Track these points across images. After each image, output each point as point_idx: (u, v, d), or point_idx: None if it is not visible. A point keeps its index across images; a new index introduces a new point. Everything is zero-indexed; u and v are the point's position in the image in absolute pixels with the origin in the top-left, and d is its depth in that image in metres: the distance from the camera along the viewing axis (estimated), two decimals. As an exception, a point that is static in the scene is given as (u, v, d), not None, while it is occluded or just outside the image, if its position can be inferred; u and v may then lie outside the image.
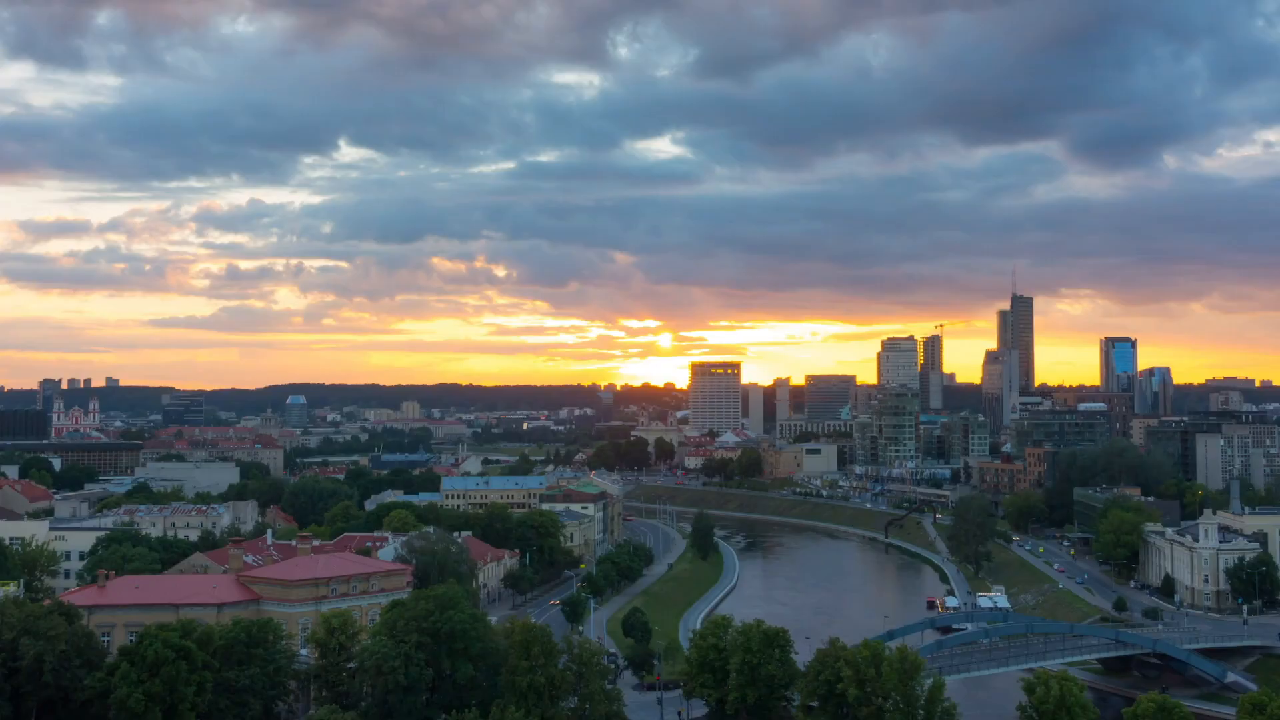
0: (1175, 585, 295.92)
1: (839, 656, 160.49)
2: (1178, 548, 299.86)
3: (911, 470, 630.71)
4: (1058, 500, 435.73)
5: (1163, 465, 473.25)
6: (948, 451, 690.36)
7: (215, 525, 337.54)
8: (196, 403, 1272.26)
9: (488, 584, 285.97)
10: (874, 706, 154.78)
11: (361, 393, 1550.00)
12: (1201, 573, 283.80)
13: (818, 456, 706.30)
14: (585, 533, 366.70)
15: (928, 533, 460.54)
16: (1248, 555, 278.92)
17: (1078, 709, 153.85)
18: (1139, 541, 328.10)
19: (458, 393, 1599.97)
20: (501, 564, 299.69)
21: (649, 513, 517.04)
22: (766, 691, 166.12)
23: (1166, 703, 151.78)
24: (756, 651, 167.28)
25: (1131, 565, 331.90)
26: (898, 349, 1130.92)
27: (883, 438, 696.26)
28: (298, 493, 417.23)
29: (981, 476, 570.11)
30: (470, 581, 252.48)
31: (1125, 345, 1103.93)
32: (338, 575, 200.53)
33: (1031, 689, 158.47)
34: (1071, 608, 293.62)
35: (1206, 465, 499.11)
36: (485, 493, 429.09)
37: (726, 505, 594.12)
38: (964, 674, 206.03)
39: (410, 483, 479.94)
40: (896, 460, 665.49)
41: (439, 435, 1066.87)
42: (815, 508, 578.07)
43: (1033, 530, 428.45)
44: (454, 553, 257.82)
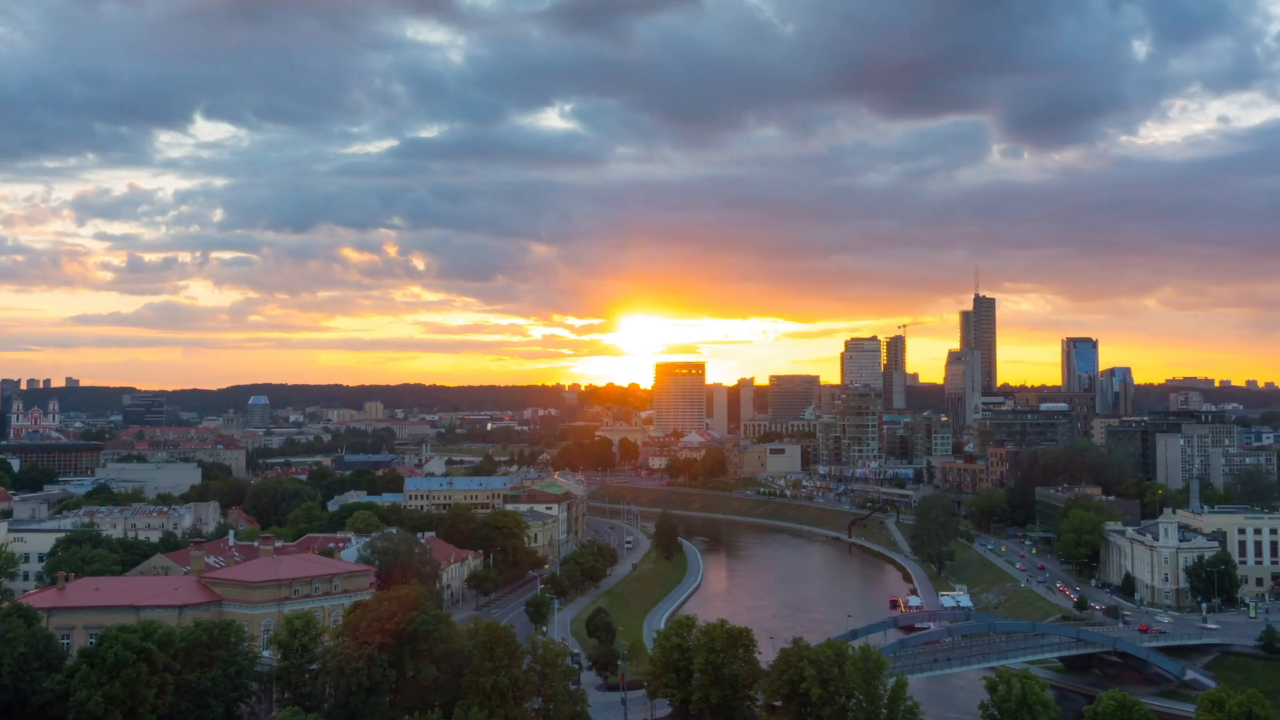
0: (1136, 584, 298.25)
1: (802, 656, 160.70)
2: (1138, 547, 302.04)
3: (875, 470, 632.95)
4: (1020, 500, 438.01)
5: (1123, 465, 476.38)
6: (911, 451, 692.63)
7: (176, 526, 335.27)
8: (158, 403, 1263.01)
9: (451, 585, 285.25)
10: (837, 705, 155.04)
11: (324, 393, 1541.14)
12: (1161, 571, 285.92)
13: (781, 456, 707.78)
14: (549, 533, 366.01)
15: (891, 532, 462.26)
16: (1207, 554, 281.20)
17: (1039, 707, 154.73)
18: (1100, 540, 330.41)
19: (421, 393, 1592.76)
20: (465, 565, 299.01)
21: (613, 513, 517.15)
22: (730, 691, 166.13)
23: (1127, 700, 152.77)
24: (720, 651, 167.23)
25: (1092, 564, 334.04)
26: (861, 349, 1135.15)
27: (846, 438, 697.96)
28: (260, 494, 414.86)
29: (944, 476, 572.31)
30: (434, 582, 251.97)
31: (1087, 345, 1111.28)
32: (300, 576, 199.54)
33: (994, 687, 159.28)
34: (1033, 606, 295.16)
35: (1166, 465, 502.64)
36: (449, 493, 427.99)
37: (691, 505, 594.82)
38: (927, 673, 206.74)
39: (373, 483, 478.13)
40: (860, 460, 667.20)
41: (402, 436, 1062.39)
42: (779, 508, 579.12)
43: (995, 530, 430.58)
44: (417, 553, 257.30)
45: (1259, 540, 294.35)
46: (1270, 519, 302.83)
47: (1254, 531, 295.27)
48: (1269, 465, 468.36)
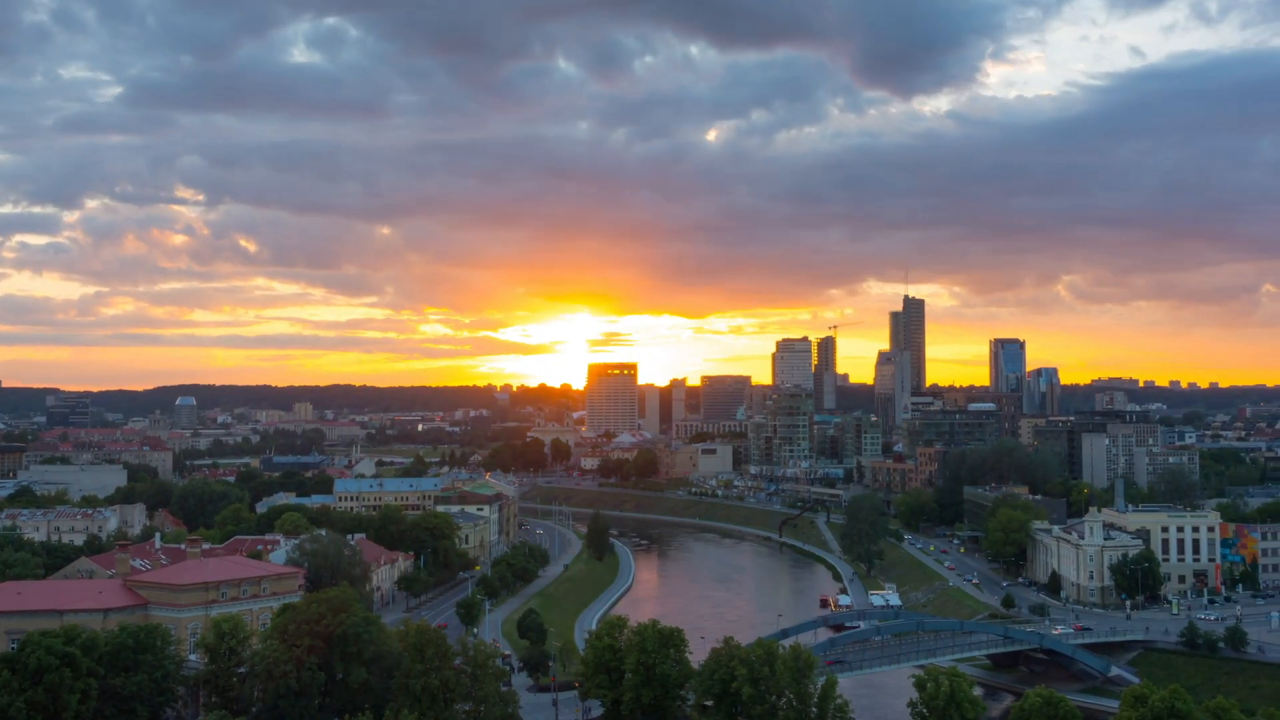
0: (1062, 582, 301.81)
1: (733, 655, 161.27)
2: (1064, 545, 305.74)
3: (805, 470, 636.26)
4: (948, 499, 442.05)
5: (1050, 464, 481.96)
6: (841, 451, 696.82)
7: (101, 529, 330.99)
8: (82, 404, 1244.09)
9: (381, 586, 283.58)
10: (768, 705, 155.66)
11: (253, 394, 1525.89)
12: (1087, 569, 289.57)
13: (713, 457, 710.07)
14: (480, 534, 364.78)
15: (821, 532, 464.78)
16: (1131, 552, 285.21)
17: (967, 705, 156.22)
18: (1027, 539, 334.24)
19: (351, 394, 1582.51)
20: (395, 566, 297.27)
21: (545, 514, 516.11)
22: (662, 691, 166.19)
23: (1053, 697, 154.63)
24: (652, 651, 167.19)
25: (1020, 562, 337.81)
26: (792, 350, 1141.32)
27: (777, 438, 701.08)
28: (187, 495, 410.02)
29: (874, 476, 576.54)
30: (363, 584, 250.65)
31: (1014, 346, 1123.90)
32: (228, 579, 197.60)
33: (922, 685, 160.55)
34: (961, 605, 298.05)
35: (1092, 464, 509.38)
36: (379, 495, 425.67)
37: (623, 506, 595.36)
38: (856, 671, 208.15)
39: (302, 485, 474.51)
40: (791, 460, 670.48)
41: (332, 437, 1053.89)
42: (710, 508, 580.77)
43: (924, 529, 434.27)
44: (347, 555, 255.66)
45: (1181, 538, 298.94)
46: (1192, 517, 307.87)
47: (1176, 530, 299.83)
48: (1191, 465, 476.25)
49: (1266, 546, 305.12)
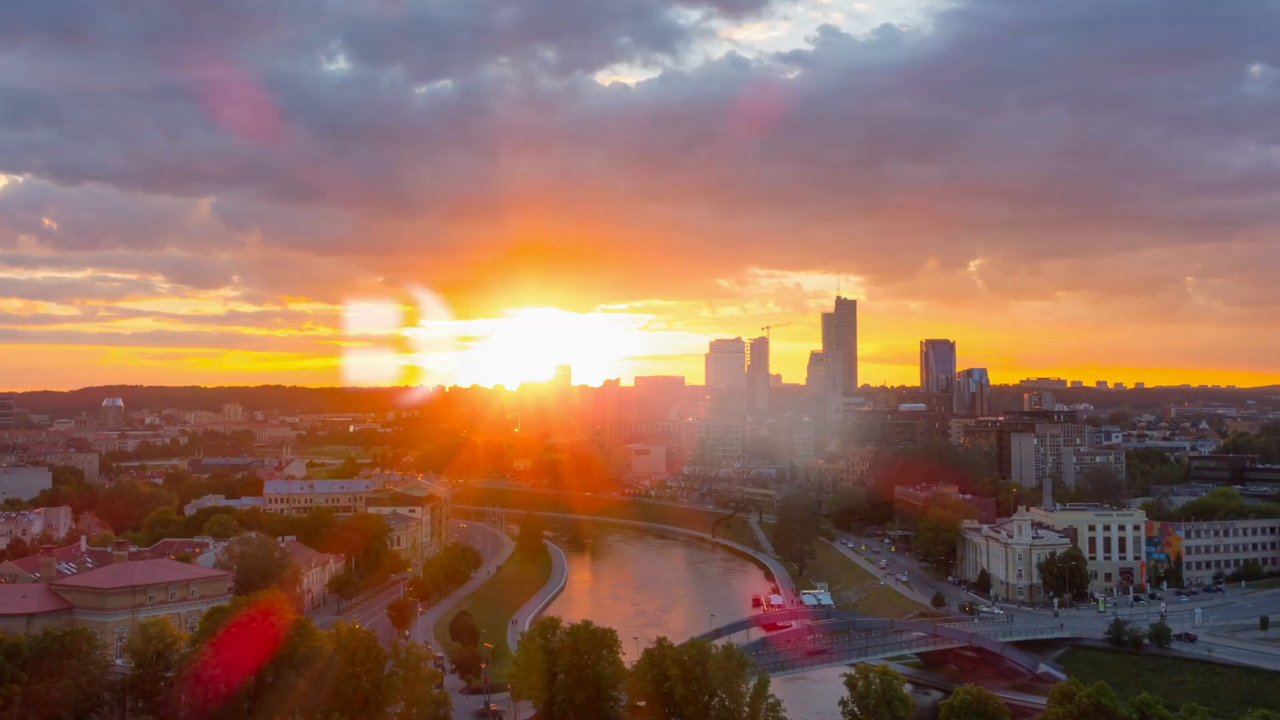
0: (991, 580, 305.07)
1: (666, 656, 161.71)
2: (993, 544, 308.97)
3: (739, 470, 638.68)
4: (879, 499, 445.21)
5: (979, 464, 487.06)
6: (774, 452, 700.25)
7: (26, 532, 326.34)
8: (7, 405, 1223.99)
9: (312, 589, 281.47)
10: (700, 705, 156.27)
11: (182, 395, 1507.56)
12: (1015, 568, 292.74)
13: (647, 457, 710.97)
14: (412, 536, 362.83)
15: (754, 532, 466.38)
16: (1059, 550, 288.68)
17: (897, 702, 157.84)
18: (957, 538, 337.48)
19: (282, 395, 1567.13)
20: (326, 568, 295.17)
21: (478, 515, 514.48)
22: (595, 692, 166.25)
23: (982, 694, 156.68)
24: (585, 652, 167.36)
25: (950, 561, 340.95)
26: (725, 351, 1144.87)
27: (711, 438, 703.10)
28: (114, 498, 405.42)
29: (806, 476, 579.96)
30: (294, 587, 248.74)
31: (945, 346, 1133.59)
32: (155, 583, 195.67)
33: (853, 684, 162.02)
34: (892, 604, 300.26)
35: (1021, 464, 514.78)
36: (310, 496, 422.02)
37: (556, 507, 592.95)
38: (788, 671, 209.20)
39: (232, 487, 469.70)
40: (724, 460, 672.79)
41: (262, 438, 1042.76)
42: (644, 508, 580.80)
43: (855, 528, 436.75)
44: (277, 558, 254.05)
45: (1108, 537, 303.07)
46: (1119, 516, 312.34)
47: (1103, 528, 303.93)
48: (1117, 464, 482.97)
49: (1190, 544, 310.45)
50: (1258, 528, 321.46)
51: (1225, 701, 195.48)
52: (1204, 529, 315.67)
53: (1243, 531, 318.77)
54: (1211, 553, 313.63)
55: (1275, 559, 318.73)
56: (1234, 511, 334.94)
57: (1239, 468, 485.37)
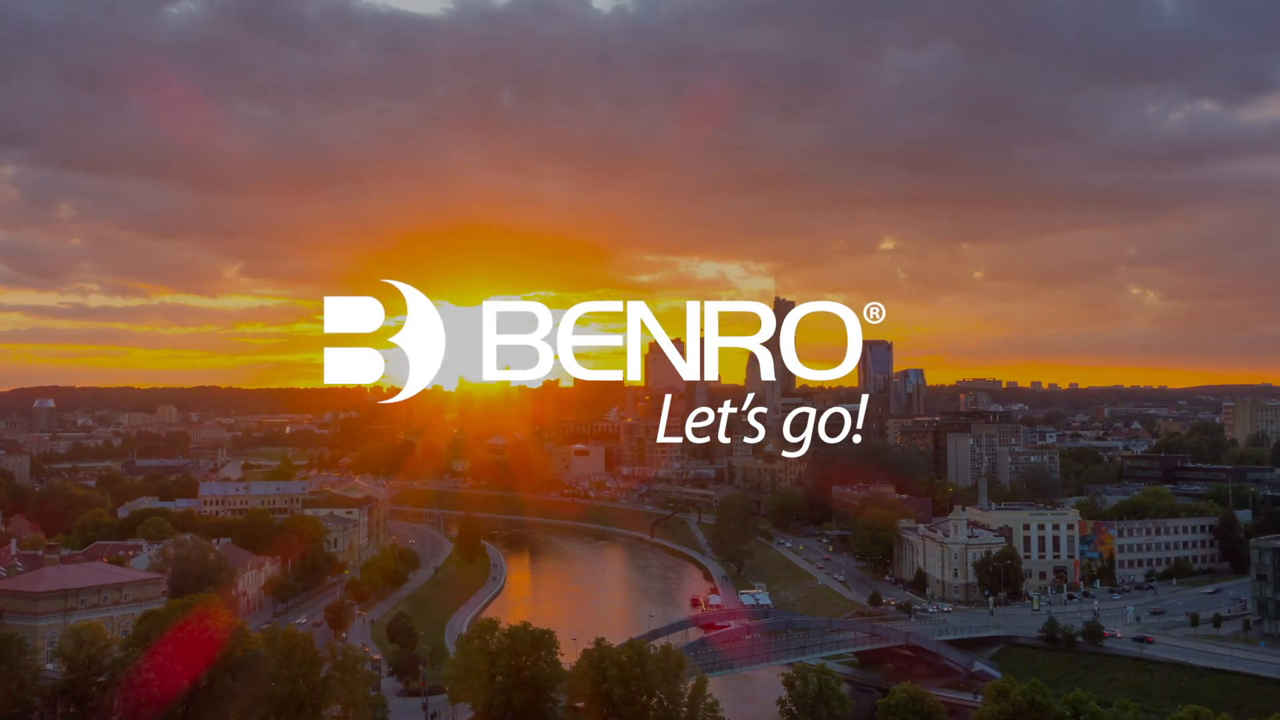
0: (927, 579, 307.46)
1: (605, 656, 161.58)
2: (929, 543, 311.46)
3: (677, 470, 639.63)
4: (817, 499, 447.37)
5: (916, 464, 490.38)
6: (713, 452, 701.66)
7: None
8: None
9: (248, 591, 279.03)
10: (639, 705, 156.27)
11: (115, 396, 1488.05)
12: (951, 567, 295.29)
13: (586, 458, 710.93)
14: (350, 538, 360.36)
15: (693, 532, 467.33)
16: (994, 549, 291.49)
17: (835, 701, 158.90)
18: (894, 538, 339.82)
19: (217, 396, 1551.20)
20: (262, 571, 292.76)
21: (416, 516, 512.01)
22: (533, 694, 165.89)
23: (918, 692, 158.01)
24: (523, 654, 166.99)
25: (886, 560, 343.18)
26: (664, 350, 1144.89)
27: (650, 439, 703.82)
28: (45, 500, 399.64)
29: (745, 476, 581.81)
30: (229, 589, 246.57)
31: (883, 347, 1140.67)
32: (87, 586, 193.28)
33: (791, 683, 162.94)
34: (830, 603, 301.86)
35: (957, 464, 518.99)
36: (245, 498, 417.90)
37: (494, 508, 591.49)
38: (726, 670, 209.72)
39: (166, 489, 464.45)
40: (662, 460, 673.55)
41: (197, 440, 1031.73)
42: (583, 509, 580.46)
43: (793, 528, 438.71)
44: (212, 560, 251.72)
45: (1042, 535, 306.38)
46: (1053, 515, 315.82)
47: (1037, 527, 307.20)
48: (1052, 464, 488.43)
49: (1123, 543, 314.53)
50: (1188, 526, 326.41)
51: (1157, 698, 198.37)
52: (1136, 528, 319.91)
53: (1174, 530, 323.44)
54: (1143, 551, 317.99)
55: (1205, 557, 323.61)
56: (1165, 510, 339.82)
57: (1170, 467, 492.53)
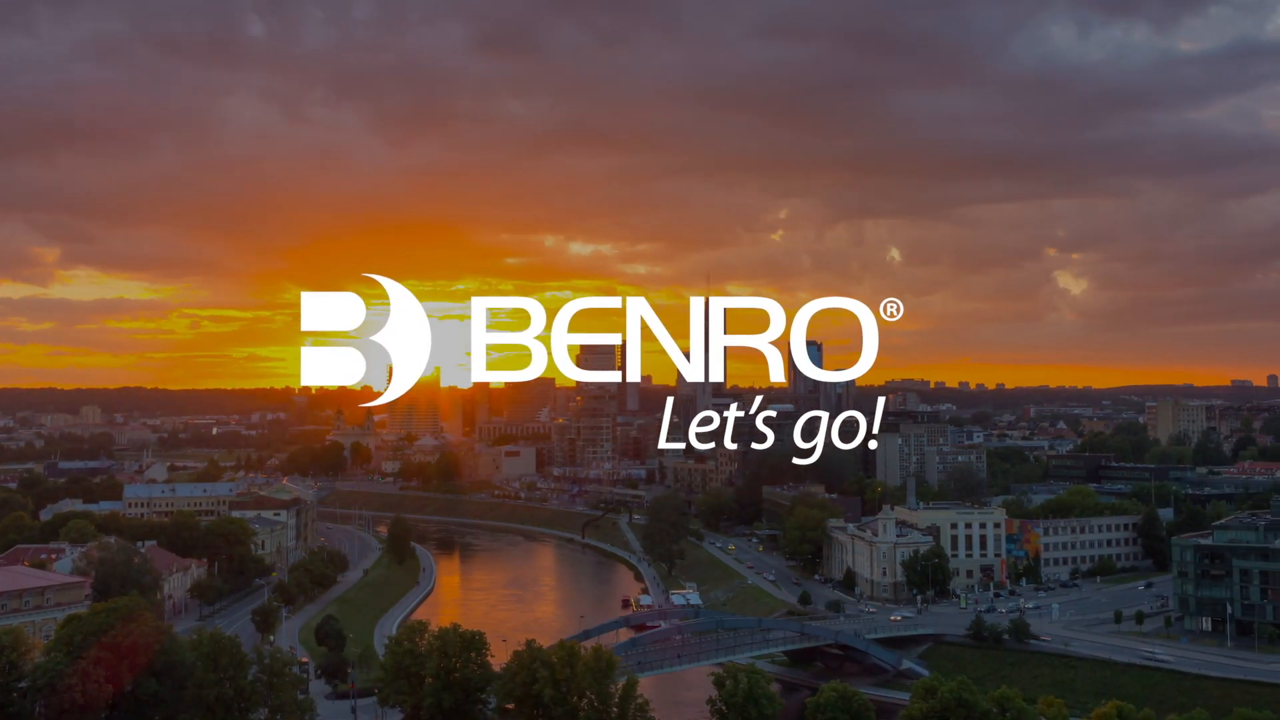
0: (856, 578, 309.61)
1: (535, 657, 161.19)
2: (858, 542, 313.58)
3: (608, 471, 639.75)
4: (748, 498, 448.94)
5: (845, 463, 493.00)
6: (644, 452, 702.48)
7: None
8: None
9: (173, 594, 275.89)
10: (569, 706, 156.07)
11: (36, 396, 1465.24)
12: (880, 566, 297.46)
13: (517, 459, 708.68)
14: (277, 540, 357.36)
15: (623, 533, 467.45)
16: (922, 548, 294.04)
17: (764, 700, 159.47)
18: (823, 537, 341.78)
19: (142, 397, 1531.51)
20: (188, 573, 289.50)
21: (345, 518, 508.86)
22: (463, 695, 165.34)
23: (847, 691, 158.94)
24: (453, 656, 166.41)
25: (816, 560, 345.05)
26: (596, 351, 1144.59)
27: (581, 439, 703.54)
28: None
29: (676, 476, 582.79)
30: (154, 593, 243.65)
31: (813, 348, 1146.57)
32: (8, 590, 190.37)
33: (721, 683, 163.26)
34: (760, 603, 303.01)
35: (886, 463, 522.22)
36: (171, 500, 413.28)
37: (425, 509, 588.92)
38: (657, 670, 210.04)
39: (90, 491, 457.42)
40: (594, 461, 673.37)
41: (122, 441, 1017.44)
42: (514, 510, 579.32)
43: (724, 528, 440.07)
44: (136, 563, 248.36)
45: (969, 534, 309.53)
46: (980, 514, 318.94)
47: (965, 526, 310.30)
48: (979, 463, 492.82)
49: (1048, 541, 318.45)
50: (1112, 524, 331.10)
51: (1081, 694, 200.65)
52: (1061, 526, 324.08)
53: (1098, 529, 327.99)
54: (1068, 549, 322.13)
55: (1128, 555, 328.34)
56: (1089, 509, 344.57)
57: (1094, 466, 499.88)
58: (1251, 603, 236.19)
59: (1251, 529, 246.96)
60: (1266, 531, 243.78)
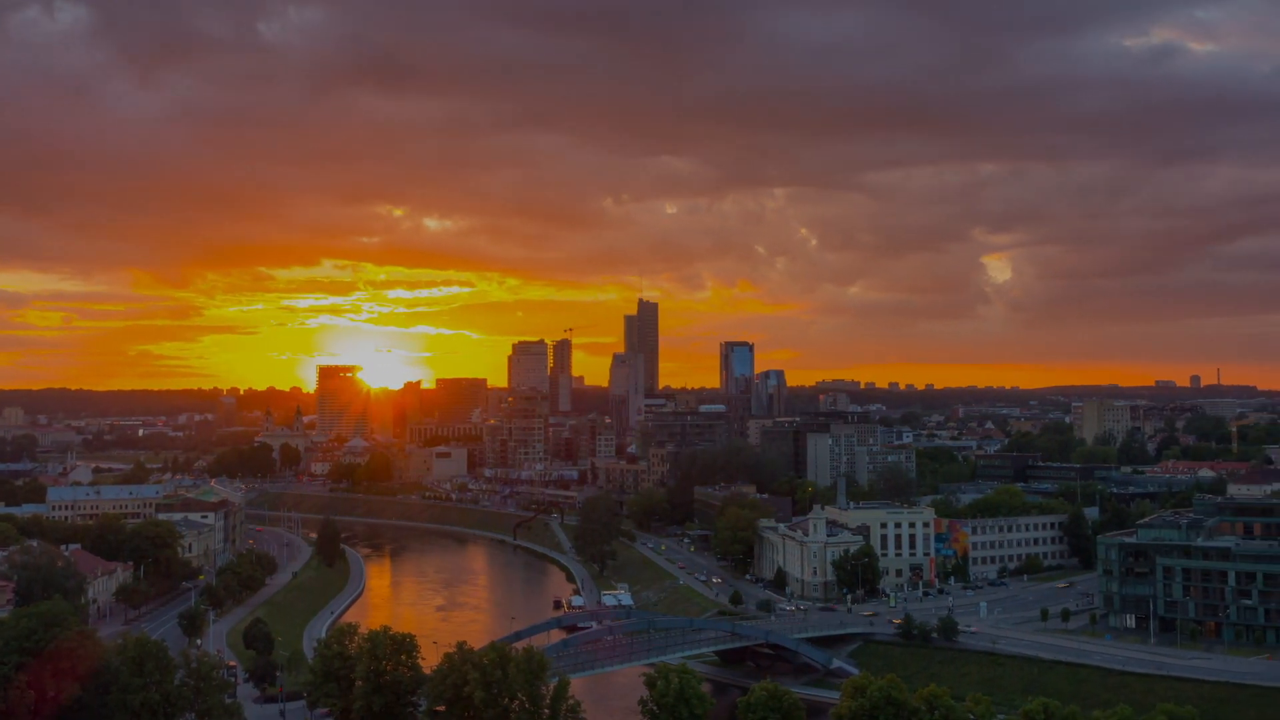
0: (787, 578, 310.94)
1: (466, 660, 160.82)
2: (789, 542, 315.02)
3: (540, 472, 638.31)
4: (679, 499, 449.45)
5: (777, 464, 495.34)
6: (576, 453, 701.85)
7: None
8: None
9: (98, 599, 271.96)
10: (500, 708, 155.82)
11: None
12: (811, 565, 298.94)
13: (448, 460, 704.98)
14: (205, 542, 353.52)
15: (555, 534, 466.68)
16: (852, 548, 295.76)
17: (695, 700, 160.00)
18: (755, 537, 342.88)
19: (67, 398, 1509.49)
20: (114, 577, 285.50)
21: (274, 520, 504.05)
22: (393, 698, 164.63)
23: (777, 690, 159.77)
24: (383, 658, 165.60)
25: (747, 560, 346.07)
26: (528, 352, 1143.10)
27: (513, 440, 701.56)
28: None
29: (608, 477, 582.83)
30: (78, 597, 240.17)
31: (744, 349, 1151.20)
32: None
33: (652, 683, 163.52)
34: (691, 603, 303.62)
35: (816, 463, 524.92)
36: (96, 503, 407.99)
37: (355, 511, 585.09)
38: (589, 671, 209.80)
39: (12, 494, 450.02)
40: (526, 462, 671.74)
41: (45, 443, 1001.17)
42: (445, 511, 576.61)
43: (656, 528, 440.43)
44: (60, 567, 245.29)
45: (899, 534, 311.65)
46: (909, 514, 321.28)
47: (894, 526, 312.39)
48: (908, 463, 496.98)
49: (976, 540, 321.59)
50: (1039, 523, 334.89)
51: (1008, 691, 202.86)
52: (989, 525, 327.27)
53: (1025, 528, 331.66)
54: (996, 548, 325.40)
55: (1055, 553, 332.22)
56: (1016, 508, 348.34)
57: (1021, 466, 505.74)
58: (1174, 600, 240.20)
59: (1174, 527, 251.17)
60: (1189, 530, 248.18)
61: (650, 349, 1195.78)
